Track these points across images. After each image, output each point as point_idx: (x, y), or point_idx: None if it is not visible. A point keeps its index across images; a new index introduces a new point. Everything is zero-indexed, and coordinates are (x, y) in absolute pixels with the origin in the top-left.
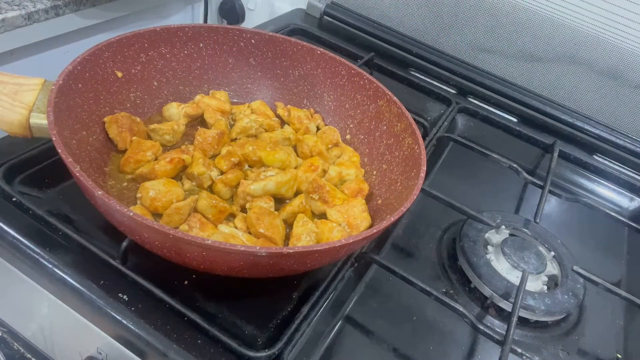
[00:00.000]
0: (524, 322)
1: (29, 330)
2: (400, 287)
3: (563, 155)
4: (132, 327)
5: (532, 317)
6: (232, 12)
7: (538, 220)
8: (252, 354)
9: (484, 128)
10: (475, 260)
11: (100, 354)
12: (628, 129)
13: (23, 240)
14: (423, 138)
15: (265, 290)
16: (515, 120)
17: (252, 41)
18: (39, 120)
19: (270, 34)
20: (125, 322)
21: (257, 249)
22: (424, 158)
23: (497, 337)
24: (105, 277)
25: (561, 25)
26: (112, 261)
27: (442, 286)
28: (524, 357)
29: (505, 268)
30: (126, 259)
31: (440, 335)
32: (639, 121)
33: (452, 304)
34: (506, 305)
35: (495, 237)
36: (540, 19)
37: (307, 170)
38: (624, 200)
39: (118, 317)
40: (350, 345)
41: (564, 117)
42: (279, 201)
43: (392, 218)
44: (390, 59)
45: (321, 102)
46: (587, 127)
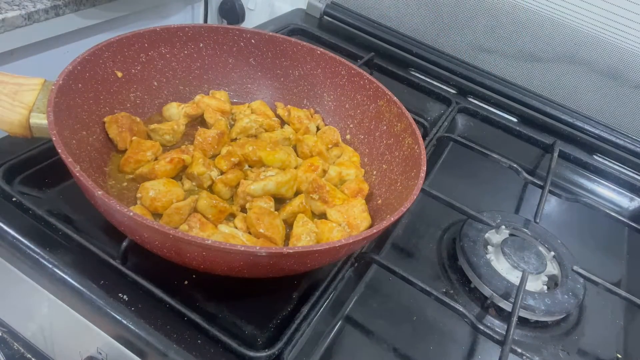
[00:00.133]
0: (524, 322)
1: (29, 330)
2: (400, 287)
3: (563, 155)
4: (132, 327)
5: (532, 317)
6: (232, 12)
7: (538, 220)
8: (252, 354)
9: (484, 128)
10: (475, 260)
11: (100, 354)
12: (628, 129)
13: (23, 240)
14: (423, 138)
15: (265, 290)
16: (515, 120)
17: (252, 41)
18: (39, 120)
19: (270, 34)
20: (125, 322)
21: (257, 249)
22: (424, 158)
23: (497, 337)
24: (105, 277)
25: (561, 25)
26: (112, 261)
27: (442, 286)
28: (524, 357)
29: (505, 268)
30: (126, 259)
31: (440, 335)
32: (639, 121)
33: (452, 304)
34: (506, 305)
35: (495, 237)
36: (540, 19)
37: (307, 170)
38: (624, 200)
39: (118, 317)
40: (350, 345)
41: (564, 117)
42: (279, 201)
43: (392, 218)
44: (390, 59)
45: (321, 102)
46: (587, 127)
